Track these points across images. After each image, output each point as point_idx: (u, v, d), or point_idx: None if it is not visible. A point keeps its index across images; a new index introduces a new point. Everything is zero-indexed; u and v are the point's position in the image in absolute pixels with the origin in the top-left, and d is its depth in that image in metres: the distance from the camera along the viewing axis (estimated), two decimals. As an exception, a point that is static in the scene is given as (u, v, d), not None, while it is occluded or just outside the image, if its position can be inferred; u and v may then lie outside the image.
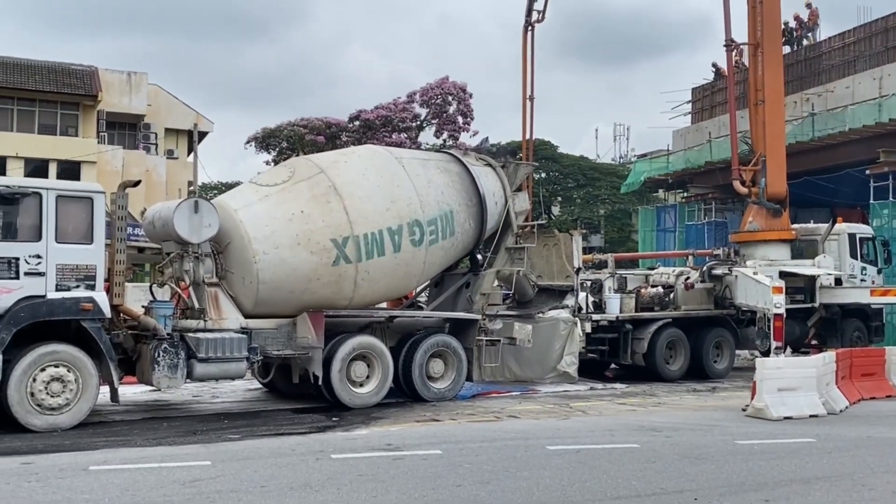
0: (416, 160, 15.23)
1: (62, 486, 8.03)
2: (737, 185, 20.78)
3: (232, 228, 13.00)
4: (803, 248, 20.57)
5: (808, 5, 32.30)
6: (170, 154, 39.78)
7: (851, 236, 21.08)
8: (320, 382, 13.33)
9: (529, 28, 23.65)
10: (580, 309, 17.05)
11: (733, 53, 22.81)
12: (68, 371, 11.11)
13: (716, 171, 29.29)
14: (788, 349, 19.70)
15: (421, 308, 16.38)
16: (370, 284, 13.89)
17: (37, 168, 32.22)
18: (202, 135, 38.20)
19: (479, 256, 16.05)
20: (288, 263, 13.08)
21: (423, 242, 14.30)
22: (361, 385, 13.69)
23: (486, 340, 15.15)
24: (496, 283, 16.25)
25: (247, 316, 13.05)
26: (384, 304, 15.67)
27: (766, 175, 20.13)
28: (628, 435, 11.23)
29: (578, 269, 17.19)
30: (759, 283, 18.00)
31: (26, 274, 10.97)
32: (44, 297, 11.06)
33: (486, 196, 15.40)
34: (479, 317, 15.14)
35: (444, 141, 35.87)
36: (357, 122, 36.75)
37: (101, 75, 36.30)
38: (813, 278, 19.36)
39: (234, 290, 13.05)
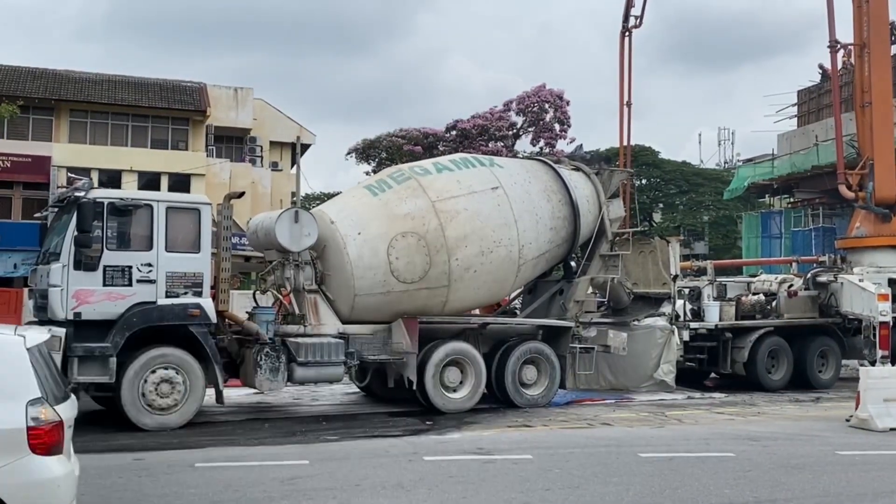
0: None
1: (171, 482, 8.49)
2: (843, 189, 20.14)
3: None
4: (915, 255, 19.74)
5: (922, 2, 31.00)
6: (274, 166, 41.03)
7: (967, 242, 20.08)
8: (415, 387, 13.60)
9: (627, 34, 23.54)
10: (677, 317, 16.85)
11: (840, 54, 22.12)
12: (177, 373, 11.69)
13: (823, 175, 28.38)
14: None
15: (515, 315, 16.49)
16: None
17: (150, 181, 33.69)
18: (305, 147, 39.27)
19: (573, 263, 16.06)
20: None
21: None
22: (455, 390, 13.90)
23: (580, 348, 15.14)
24: (590, 290, 16.20)
25: (344, 322, 13.44)
26: (477, 311, 15.86)
27: (874, 179, 19.45)
28: (724, 444, 11.08)
29: (675, 277, 16.99)
30: (864, 290, 17.40)
31: (138, 281, 11.60)
32: (154, 303, 11.67)
33: (579, 203, 15.40)
34: (572, 324, 15.14)
35: (541, 149, 35.86)
36: (454, 132, 37.11)
37: (209, 91, 37.73)
38: (925, 286, 18.55)
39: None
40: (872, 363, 16.61)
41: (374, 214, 13.75)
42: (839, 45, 20.96)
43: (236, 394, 14.41)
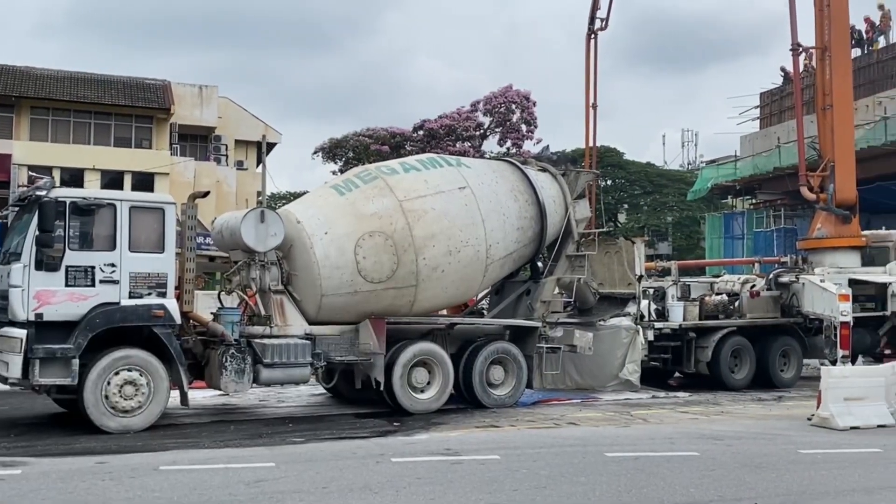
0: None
1: (134, 485, 8.38)
2: (804, 191, 20.39)
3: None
4: (874, 255, 20.05)
5: (881, 7, 31.58)
6: (239, 165, 40.75)
7: (925, 243, 20.47)
8: (382, 388, 13.55)
9: (593, 36, 23.65)
10: (642, 317, 16.98)
11: (802, 57, 22.41)
12: (141, 375, 11.52)
13: (785, 177, 28.76)
14: (860, 357, 19.25)
15: (482, 315, 16.51)
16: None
17: (112, 180, 33.32)
18: (270, 146, 39.04)
19: (540, 264, 16.11)
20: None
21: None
22: (422, 391, 13.87)
23: (547, 348, 15.19)
24: (557, 290, 16.27)
25: (311, 322, 13.36)
26: (444, 312, 15.86)
27: (835, 181, 19.70)
28: (689, 443, 11.18)
29: (640, 277, 17.11)
30: (825, 290, 17.63)
31: (101, 282, 11.43)
32: (118, 304, 11.50)
33: (546, 204, 15.44)
34: (539, 324, 15.19)
35: (508, 149, 36.01)
36: (421, 132, 37.12)
37: (174, 89, 37.39)
38: (884, 286, 18.86)
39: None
40: (833, 363, 16.85)
41: (341, 214, 13.69)
42: (801, 48, 21.20)
43: (201, 395, 14.26)
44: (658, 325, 17.36)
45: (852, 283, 18.35)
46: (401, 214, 13.68)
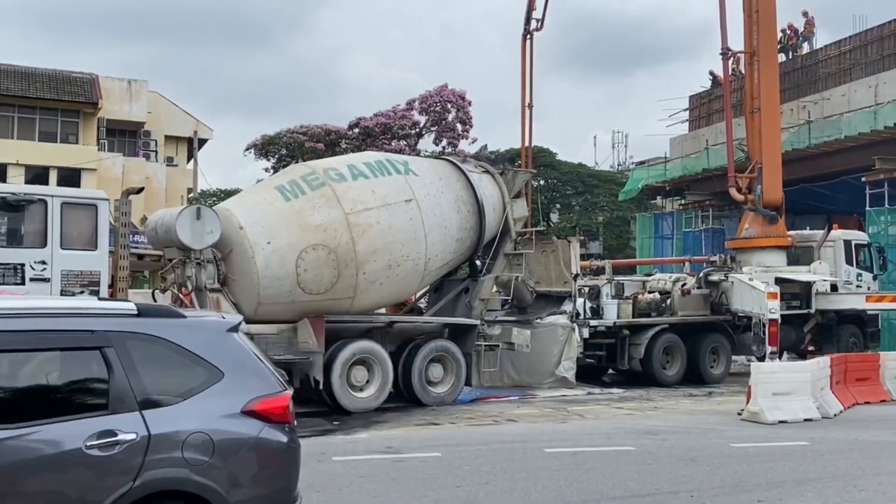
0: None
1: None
2: (733, 192, 20.95)
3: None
4: (799, 255, 20.75)
5: (805, 14, 32.58)
6: (169, 161, 39.87)
7: (847, 243, 21.26)
8: (321, 387, 13.46)
9: (528, 37, 23.90)
10: (578, 315, 17.23)
11: (730, 62, 23.03)
12: (73, 375, 11.24)
13: (713, 178, 29.48)
14: (785, 354, 19.87)
15: (421, 313, 16.54)
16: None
17: (37, 175, 32.32)
18: (202, 142, 38.33)
19: (478, 262, 16.22)
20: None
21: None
22: (362, 390, 13.84)
23: (485, 346, 15.31)
24: (495, 288, 16.41)
25: (248, 321, 13.15)
26: (384, 310, 15.84)
27: (762, 182, 20.31)
28: (625, 438, 11.39)
29: (576, 276, 17.38)
30: (754, 288, 18.15)
31: (32, 279, 11.16)
32: (49, 302, 11.20)
33: (484, 203, 15.54)
34: (477, 322, 15.29)
35: (444, 148, 35.97)
36: (356, 130, 36.80)
37: (102, 83, 36.41)
38: (809, 284, 19.51)
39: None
40: (761, 359, 17.35)
41: (286, 222, 13.41)
42: (730, 53, 21.79)
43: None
44: (593, 322, 17.66)
45: (779, 281, 18.92)
46: (346, 228, 13.56)
